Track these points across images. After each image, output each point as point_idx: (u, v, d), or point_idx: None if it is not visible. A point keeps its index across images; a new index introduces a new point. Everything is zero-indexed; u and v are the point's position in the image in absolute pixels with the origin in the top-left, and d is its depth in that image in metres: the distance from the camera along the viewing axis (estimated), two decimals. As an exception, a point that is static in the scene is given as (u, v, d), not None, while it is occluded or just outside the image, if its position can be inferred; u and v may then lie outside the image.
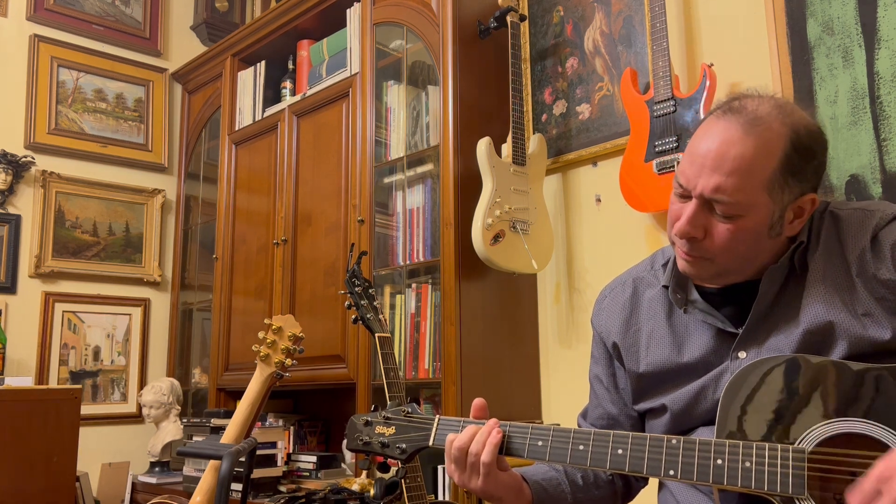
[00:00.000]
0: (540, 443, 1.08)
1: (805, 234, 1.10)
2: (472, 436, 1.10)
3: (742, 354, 1.09)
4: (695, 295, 1.16)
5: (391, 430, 1.19)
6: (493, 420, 1.12)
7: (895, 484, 0.84)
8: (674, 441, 1.00)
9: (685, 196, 1.08)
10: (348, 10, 3.03)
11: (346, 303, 1.94)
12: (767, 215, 1.05)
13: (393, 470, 1.80)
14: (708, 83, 2.08)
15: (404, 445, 1.17)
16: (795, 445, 0.94)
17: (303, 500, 2.32)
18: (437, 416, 1.17)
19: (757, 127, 1.03)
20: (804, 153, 1.05)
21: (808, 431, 0.95)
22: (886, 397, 0.94)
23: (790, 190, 1.05)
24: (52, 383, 3.45)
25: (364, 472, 2.52)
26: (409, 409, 1.20)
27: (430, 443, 1.16)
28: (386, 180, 2.85)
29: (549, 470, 1.24)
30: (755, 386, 0.99)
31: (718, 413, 1.01)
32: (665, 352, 1.18)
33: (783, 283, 1.10)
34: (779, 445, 0.95)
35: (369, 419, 1.21)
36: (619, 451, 1.03)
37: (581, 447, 1.05)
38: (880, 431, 0.92)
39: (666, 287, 1.20)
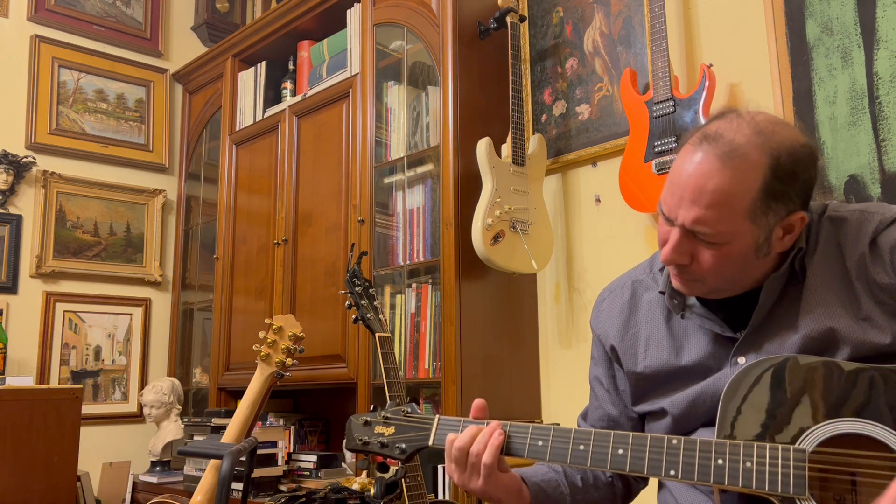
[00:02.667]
0: (540, 443, 1.08)
1: (803, 240, 1.09)
2: (473, 436, 1.10)
3: (741, 360, 1.09)
4: (692, 300, 1.16)
5: (390, 430, 1.18)
6: (496, 422, 1.11)
7: None
8: (674, 441, 1.00)
9: (669, 222, 1.08)
10: (348, 11, 3.04)
11: (347, 303, 1.94)
12: (753, 240, 1.04)
13: (392, 469, 1.80)
14: (707, 84, 2.09)
15: (404, 445, 1.16)
16: (796, 446, 0.95)
17: (303, 500, 2.32)
18: (437, 415, 1.17)
19: (734, 158, 1.01)
20: (786, 178, 1.03)
21: (809, 432, 0.95)
22: (886, 398, 0.94)
23: (775, 213, 1.04)
24: (53, 383, 3.45)
25: (364, 472, 2.53)
26: (409, 409, 1.19)
27: (430, 443, 1.15)
28: (386, 180, 2.85)
29: (549, 471, 1.24)
30: (755, 386, 0.99)
31: (719, 414, 1.01)
32: (663, 354, 1.18)
33: (782, 288, 1.10)
34: (779, 446, 0.95)
35: (368, 419, 1.20)
36: (620, 451, 1.03)
37: (582, 447, 1.05)
38: (881, 432, 0.93)
39: (663, 293, 1.20)
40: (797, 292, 1.08)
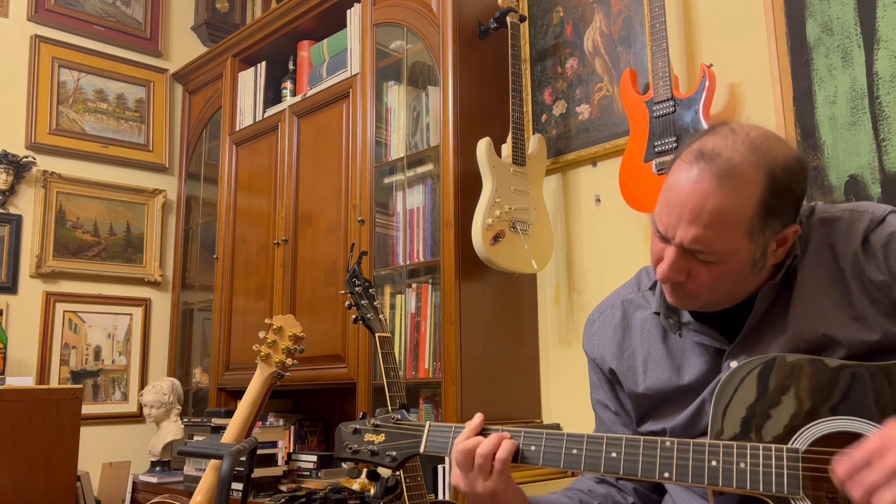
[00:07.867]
0: (533, 447, 1.07)
1: (798, 247, 1.09)
2: (477, 438, 1.09)
3: (733, 364, 1.08)
4: (687, 317, 1.15)
5: (381, 438, 1.16)
6: (503, 432, 1.10)
7: (888, 458, 0.84)
8: (668, 443, 1.00)
9: (665, 240, 1.07)
10: (348, 11, 3.04)
11: (347, 303, 1.94)
12: (749, 257, 1.04)
13: (385, 474, 1.80)
14: (707, 83, 2.08)
15: (394, 453, 1.15)
16: (789, 445, 0.95)
17: (303, 500, 2.32)
18: (428, 422, 1.15)
19: (732, 177, 1.00)
20: (782, 194, 1.02)
21: (801, 431, 0.95)
22: (873, 394, 0.95)
23: (771, 229, 1.03)
24: (53, 383, 3.45)
25: (364, 472, 2.53)
26: (399, 416, 1.17)
27: (422, 449, 1.13)
28: (386, 180, 2.85)
29: (561, 497, 1.22)
30: (746, 386, 1.00)
31: (711, 415, 1.01)
32: (664, 374, 1.16)
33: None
34: (772, 446, 0.95)
35: (358, 427, 1.18)
36: (613, 455, 1.02)
37: (575, 451, 1.05)
38: (872, 429, 0.93)
39: (657, 313, 1.18)
40: (787, 295, 1.08)
